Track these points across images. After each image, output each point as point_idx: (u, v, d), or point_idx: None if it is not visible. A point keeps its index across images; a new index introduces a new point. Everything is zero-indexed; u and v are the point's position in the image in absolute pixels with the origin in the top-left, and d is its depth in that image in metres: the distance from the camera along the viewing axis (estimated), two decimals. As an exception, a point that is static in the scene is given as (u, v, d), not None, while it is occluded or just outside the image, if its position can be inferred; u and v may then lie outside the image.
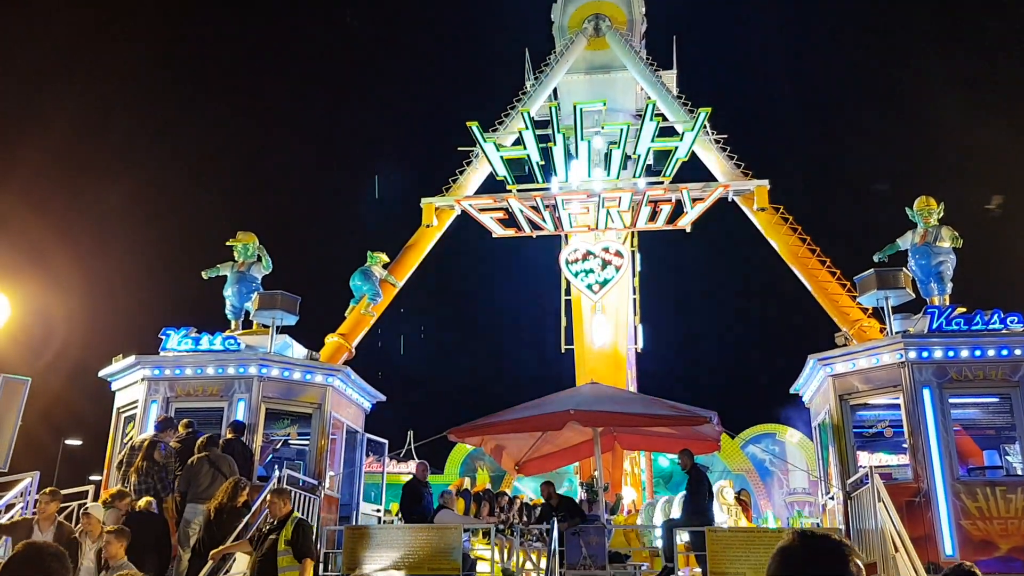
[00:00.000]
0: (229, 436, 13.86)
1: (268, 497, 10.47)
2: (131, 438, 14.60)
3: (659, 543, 14.28)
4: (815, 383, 15.74)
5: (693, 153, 21.39)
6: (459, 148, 23.01)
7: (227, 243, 17.54)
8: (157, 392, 15.29)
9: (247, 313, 17.00)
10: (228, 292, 17.18)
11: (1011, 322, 13.94)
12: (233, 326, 17.03)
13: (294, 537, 9.66)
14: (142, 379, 15.42)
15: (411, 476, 16.27)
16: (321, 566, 13.07)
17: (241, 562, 11.40)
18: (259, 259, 17.53)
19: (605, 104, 23.44)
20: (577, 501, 16.29)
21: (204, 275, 17.49)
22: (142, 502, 11.85)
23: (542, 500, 16.15)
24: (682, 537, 13.37)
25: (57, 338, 31.54)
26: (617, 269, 23.99)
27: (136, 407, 15.36)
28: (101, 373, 16.27)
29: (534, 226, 21.29)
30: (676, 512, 18.11)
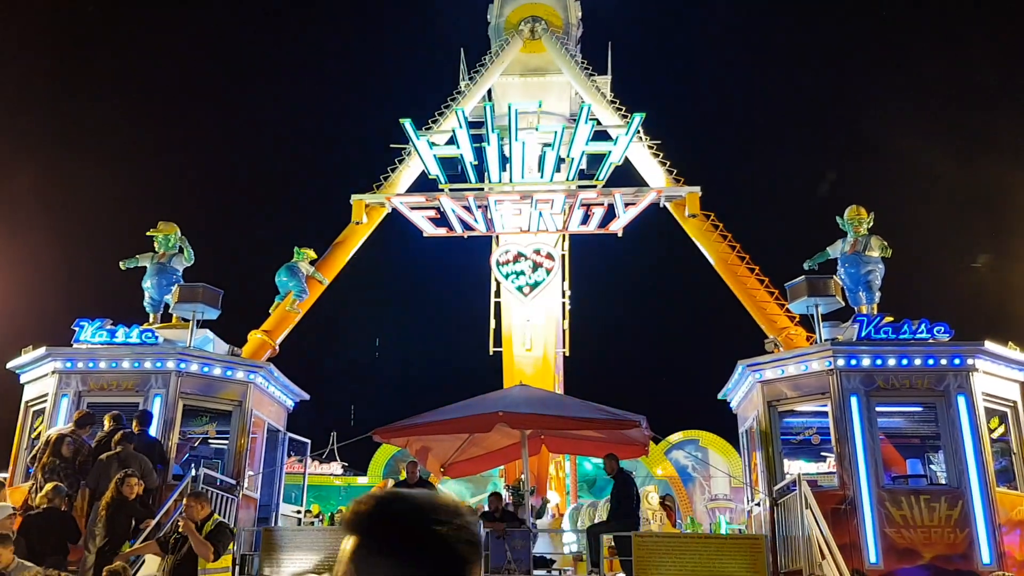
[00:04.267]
0: (135, 429, 13.30)
1: (185, 500, 10.16)
2: (40, 433, 13.96)
3: (579, 547, 14.13)
4: (743, 389, 15.78)
5: (627, 158, 21.39)
6: (391, 145, 22.64)
7: (148, 233, 16.94)
8: (68, 386, 14.67)
9: (166, 306, 16.43)
10: (147, 284, 16.58)
11: (938, 332, 14.17)
12: (151, 319, 16.43)
13: (208, 536, 9.55)
14: (52, 372, 14.77)
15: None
16: (238, 568, 12.67)
17: (151, 564, 10.93)
18: (181, 250, 16.97)
19: (541, 106, 23.30)
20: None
21: (122, 265, 16.87)
22: (44, 491, 11.28)
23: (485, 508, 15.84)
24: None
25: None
26: (548, 271, 23.84)
27: (46, 401, 14.71)
28: (9, 365, 15.59)
29: (466, 226, 21.00)
30: (602, 516, 18.04)
